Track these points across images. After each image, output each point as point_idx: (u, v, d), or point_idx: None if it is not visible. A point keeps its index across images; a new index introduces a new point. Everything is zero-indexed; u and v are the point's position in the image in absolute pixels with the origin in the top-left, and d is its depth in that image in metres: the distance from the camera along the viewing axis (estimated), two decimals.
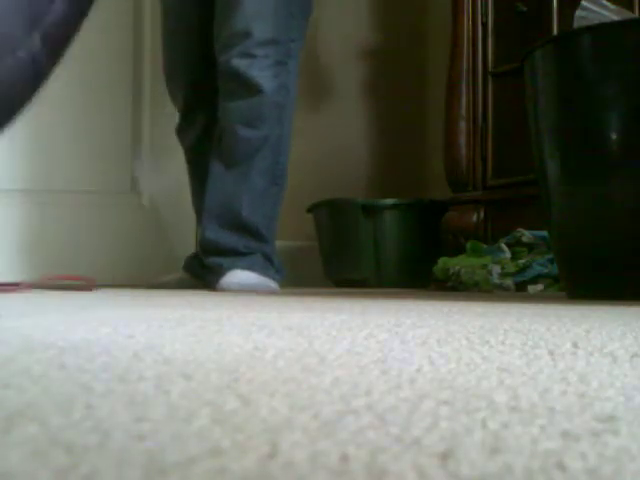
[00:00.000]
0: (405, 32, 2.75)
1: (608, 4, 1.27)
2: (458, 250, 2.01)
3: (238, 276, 1.69)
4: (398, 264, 2.25)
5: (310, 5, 1.78)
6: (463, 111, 2.14)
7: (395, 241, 2.25)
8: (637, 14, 1.72)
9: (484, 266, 1.81)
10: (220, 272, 1.72)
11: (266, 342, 0.47)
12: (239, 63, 1.67)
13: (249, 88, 1.68)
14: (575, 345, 0.46)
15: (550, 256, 1.70)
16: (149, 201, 2.60)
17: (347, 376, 0.33)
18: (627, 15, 1.34)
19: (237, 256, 1.73)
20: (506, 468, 0.19)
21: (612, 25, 1.20)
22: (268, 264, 1.77)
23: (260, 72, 1.67)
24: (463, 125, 2.13)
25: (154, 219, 2.59)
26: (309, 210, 2.44)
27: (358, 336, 0.51)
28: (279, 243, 1.88)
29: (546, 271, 1.73)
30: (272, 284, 1.75)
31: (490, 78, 2.11)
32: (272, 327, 0.58)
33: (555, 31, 1.91)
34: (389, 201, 2.26)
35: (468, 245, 1.94)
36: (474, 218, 2.09)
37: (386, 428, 0.23)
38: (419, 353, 0.42)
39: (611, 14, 1.24)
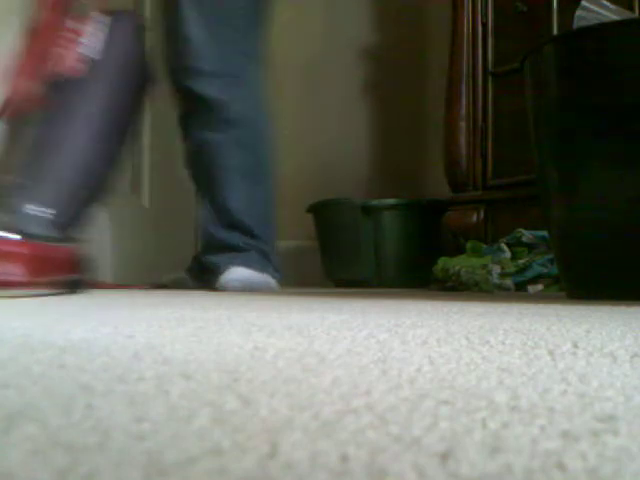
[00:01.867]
0: (405, 32, 2.75)
1: (608, 4, 1.27)
2: (458, 250, 2.01)
3: (237, 273, 1.70)
4: (398, 264, 2.25)
5: (260, 11, 1.79)
6: (463, 111, 2.14)
7: (395, 241, 2.25)
8: (637, 14, 1.72)
9: (484, 266, 1.81)
10: (217, 271, 1.72)
11: (266, 342, 0.47)
12: (192, 84, 1.71)
13: (208, 105, 1.71)
14: (575, 345, 0.46)
15: (550, 256, 1.70)
16: (149, 201, 2.60)
17: (347, 376, 0.33)
18: (627, 15, 1.34)
19: (234, 252, 1.74)
20: (506, 468, 0.19)
21: (612, 25, 1.20)
22: (265, 261, 1.77)
23: (213, 89, 1.71)
24: (463, 125, 2.13)
25: (154, 219, 2.59)
26: (309, 210, 2.44)
27: (358, 336, 0.51)
28: (279, 243, 1.88)
29: (546, 271, 1.73)
30: (271, 281, 1.75)
31: (490, 78, 2.11)
32: (272, 327, 0.58)
33: (555, 31, 1.91)
34: (389, 201, 2.26)
35: (468, 245, 1.94)
36: (474, 218, 2.08)
37: (386, 428, 0.23)
38: (419, 353, 0.42)
39: (611, 14, 1.24)
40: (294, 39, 2.69)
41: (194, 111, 1.74)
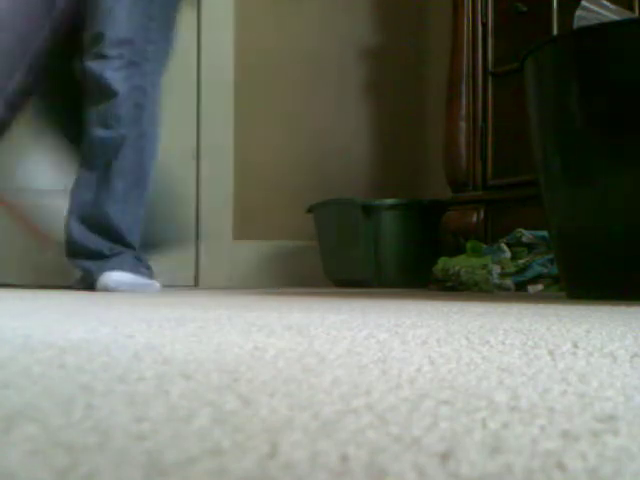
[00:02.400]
0: (405, 32, 2.75)
1: (608, 4, 1.27)
2: (458, 250, 2.01)
3: (111, 277, 1.68)
4: (398, 264, 2.25)
5: (174, 11, 1.78)
6: (463, 111, 2.14)
7: (395, 241, 2.25)
8: (637, 14, 1.72)
9: (484, 266, 1.81)
10: (91, 277, 1.72)
11: (266, 342, 0.47)
12: (93, 65, 1.69)
13: (103, 90, 1.69)
14: (575, 345, 0.46)
15: (550, 256, 1.70)
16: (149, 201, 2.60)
17: (347, 376, 0.33)
18: (627, 15, 1.34)
19: (103, 259, 1.72)
20: (506, 468, 0.19)
21: (612, 25, 1.20)
22: (136, 261, 1.76)
23: (113, 73, 1.68)
24: (463, 125, 2.13)
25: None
26: (309, 210, 2.44)
27: (358, 336, 0.51)
28: (279, 243, 1.88)
29: (546, 271, 1.73)
30: (148, 282, 1.75)
31: (490, 78, 2.11)
32: (272, 327, 0.58)
33: (555, 31, 1.91)
34: (389, 201, 2.26)
35: (468, 245, 1.94)
36: (474, 218, 2.08)
37: (386, 428, 0.23)
38: (419, 353, 0.42)
39: (611, 14, 1.24)
40: (294, 39, 2.69)
41: (92, 99, 1.71)
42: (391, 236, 2.24)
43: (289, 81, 2.68)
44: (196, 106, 2.62)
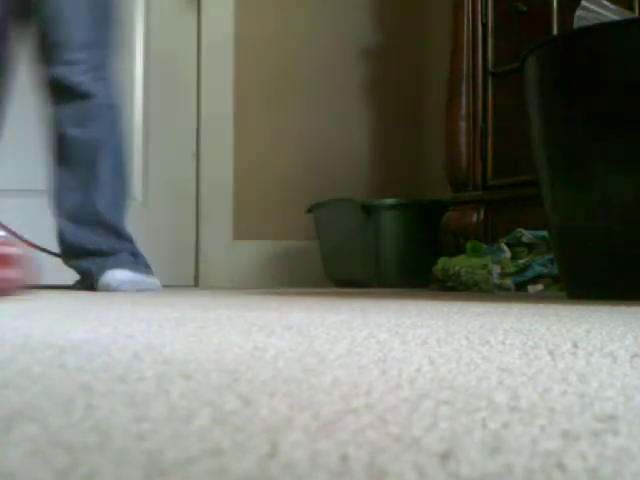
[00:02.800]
0: (405, 32, 2.75)
1: (608, 4, 1.27)
2: (458, 250, 2.00)
3: (114, 276, 1.68)
4: (398, 264, 2.25)
5: (117, 13, 1.80)
6: (463, 111, 2.14)
7: (395, 241, 2.25)
8: (637, 14, 1.72)
9: (484, 266, 1.81)
10: (91, 276, 1.71)
11: (266, 342, 0.47)
12: (61, 70, 1.70)
13: (75, 93, 1.70)
14: (575, 345, 0.46)
15: (550, 256, 1.70)
16: (149, 201, 2.60)
17: (347, 376, 0.33)
18: (627, 15, 1.34)
19: (102, 257, 1.72)
20: (506, 468, 0.19)
21: (612, 25, 1.20)
22: (134, 259, 1.76)
23: (84, 76, 1.70)
24: (463, 125, 2.13)
25: (154, 220, 2.58)
26: (309, 210, 2.44)
27: (358, 336, 0.51)
28: (279, 243, 1.88)
29: (546, 271, 1.73)
30: (150, 280, 1.75)
31: (490, 78, 2.11)
32: (272, 327, 0.58)
33: (555, 31, 1.91)
34: (389, 201, 2.26)
35: (468, 245, 1.94)
36: (474, 218, 2.08)
37: (386, 428, 0.23)
38: (419, 353, 0.42)
39: (611, 14, 1.24)
40: (294, 39, 2.69)
41: (63, 103, 1.72)
42: (391, 236, 2.24)
43: (289, 81, 2.68)
44: (196, 106, 2.62)
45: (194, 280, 2.61)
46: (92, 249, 1.72)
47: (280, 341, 0.48)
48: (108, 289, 1.66)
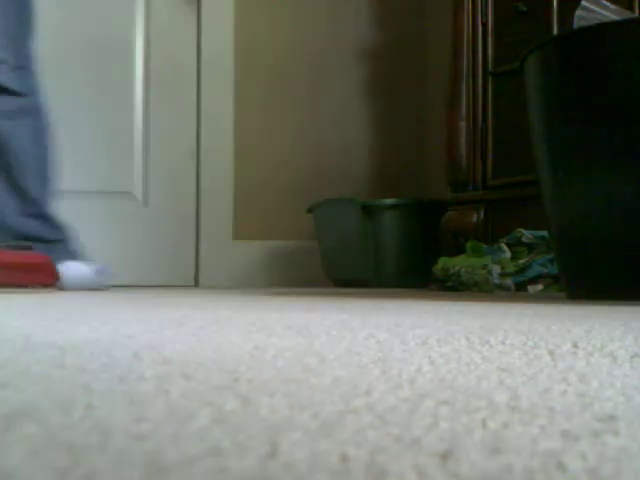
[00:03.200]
0: (405, 32, 2.75)
1: (608, 4, 1.27)
2: (458, 250, 2.00)
3: (70, 270, 1.68)
4: (398, 264, 2.25)
5: (33, 14, 1.81)
6: (463, 111, 2.14)
7: (395, 241, 2.25)
8: (637, 14, 1.72)
9: (484, 266, 1.81)
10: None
11: (266, 342, 0.47)
12: None
13: (6, 93, 1.71)
14: (575, 345, 0.46)
15: (550, 256, 1.70)
16: (149, 201, 2.60)
17: (347, 376, 0.33)
18: (627, 15, 1.34)
19: (43, 244, 1.71)
20: (506, 468, 0.19)
21: (612, 25, 1.20)
22: (75, 250, 1.76)
23: (4, 75, 1.71)
24: (463, 125, 2.13)
25: (154, 219, 2.58)
26: (309, 210, 2.44)
27: (358, 336, 0.51)
28: (279, 243, 1.88)
29: (546, 271, 1.73)
30: (98, 267, 1.75)
31: (490, 78, 2.11)
32: (272, 327, 0.58)
33: (555, 31, 1.91)
34: (389, 201, 2.26)
35: (468, 245, 1.94)
36: (474, 218, 2.08)
37: (386, 428, 0.23)
38: (419, 353, 0.42)
39: (611, 14, 1.24)
40: (295, 39, 2.69)
41: None
42: (391, 236, 2.24)
43: (289, 81, 2.68)
44: (196, 106, 2.62)
45: (194, 280, 2.61)
46: (35, 236, 1.71)
47: (280, 341, 0.48)
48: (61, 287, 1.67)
